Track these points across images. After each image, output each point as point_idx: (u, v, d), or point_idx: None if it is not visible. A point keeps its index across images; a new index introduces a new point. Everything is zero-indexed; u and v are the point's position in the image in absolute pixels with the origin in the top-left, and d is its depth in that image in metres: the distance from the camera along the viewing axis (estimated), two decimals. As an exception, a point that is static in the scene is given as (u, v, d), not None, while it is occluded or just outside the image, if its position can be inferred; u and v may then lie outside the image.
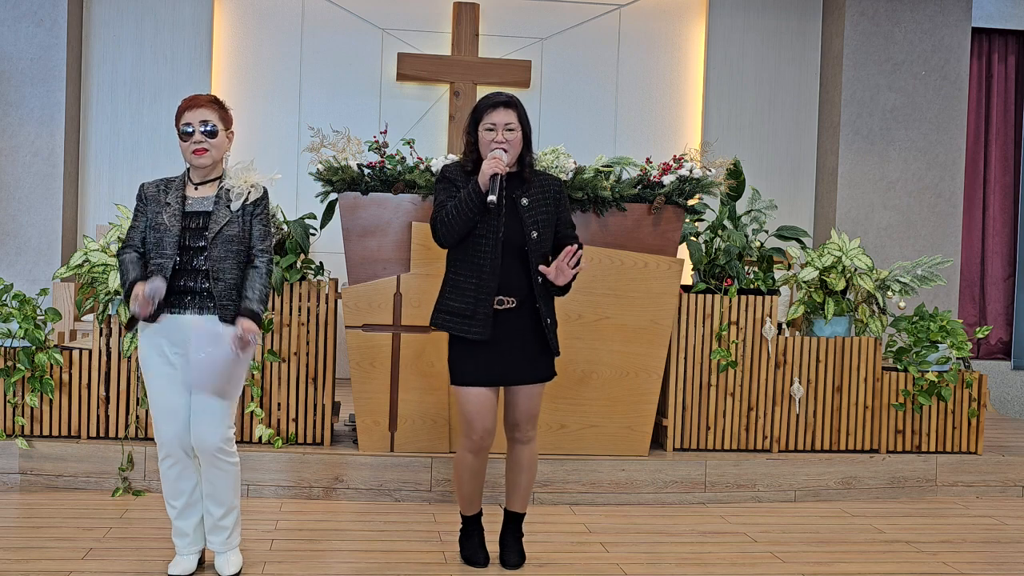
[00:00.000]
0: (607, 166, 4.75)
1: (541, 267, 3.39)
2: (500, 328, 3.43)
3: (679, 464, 4.72)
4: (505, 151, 3.38)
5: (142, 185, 3.37)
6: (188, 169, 3.38)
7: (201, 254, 3.27)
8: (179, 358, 3.30)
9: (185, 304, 3.27)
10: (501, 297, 3.42)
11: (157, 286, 3.18)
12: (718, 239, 5.09)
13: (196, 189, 3.34)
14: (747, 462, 4.79)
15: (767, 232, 5.38)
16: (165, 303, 3.25)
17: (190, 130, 3.27)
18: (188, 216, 3.29)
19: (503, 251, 3.41)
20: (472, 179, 3.40)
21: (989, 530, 4.41)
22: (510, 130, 3.41)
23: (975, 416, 5.06)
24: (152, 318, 3.24)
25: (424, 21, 7.43)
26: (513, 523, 3.67)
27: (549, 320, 3.49)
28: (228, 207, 3.30)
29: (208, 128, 3.26)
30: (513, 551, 3.64)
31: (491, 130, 3.41)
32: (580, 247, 3.45)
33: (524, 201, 3.45)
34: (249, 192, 3.34)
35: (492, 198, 3.27)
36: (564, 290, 3.49)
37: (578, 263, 3.36)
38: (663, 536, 4.16)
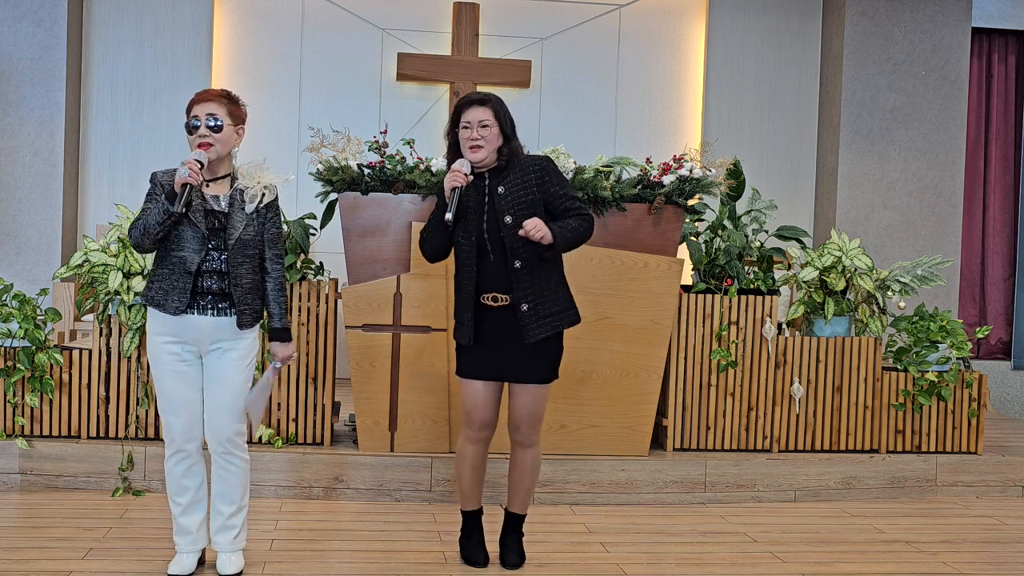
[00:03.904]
0: (607, 166, 4.75)
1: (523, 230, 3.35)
2: (498, 326, 3.45)
3: (679, 464, 4.72)
4: (481, 147, 3.42)
5: (155, 173, 3.32)
6: None
7: (217, 254, 3.27)
8: (191, 356, 3.31)
9: (201, 305, 3.27)
10: (496, 294, 3.43)
11: (197, 153, 3.19)
12: (718, 239, 5.10)
13: (207, 186, 3.32)
14: (747, 462, 4.79)
15: (767, 232, 5.38)
16: (185, 306, 3.25)
17: (196, 124, 3.25)
18: (207, 214, 3.27)
19: (491, 247, 3.43)
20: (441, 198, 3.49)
21: (989, 530, 4.41)
22: (484, 127, 3.43)
23: (975, 416, 5.06)
24: (189, 204, 3.19)
25: (424, 21, 7.43)
26: (513, 524, 3.67)
27: (525, 307, 3.41)
28: (243, 209, 3.30)
29: (213, 123, 3.24)
30: (513, 551, 3.64)
31: (467, 128, 3.46)
32: (582, 221, 3.44)
33: (500, 189, 3.46)
34: (263, 194, 3.34)
35: (449, 216, 3.34)
36: (560, 248, 3.41)
37: (545, 239, 3.33)
38: (663, 536, 4.16)
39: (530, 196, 3.45)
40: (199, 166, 3.15)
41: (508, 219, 3.42)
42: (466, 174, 3.38)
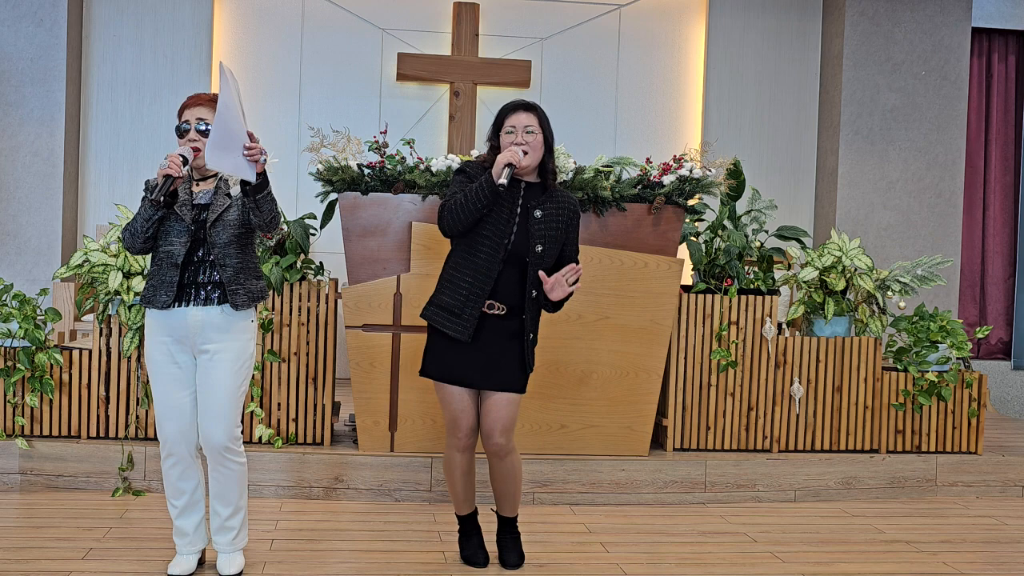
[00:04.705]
0: (607, 166, 4.75)
1: (541, 274, 3.37)
2: (484, 332, 3.43)
3: (679, 464, 4.72)
4: (525, 152, 3.39)
5: (147, 180, 3.36)
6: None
7: (205, 246, 3.28)
8: (185, 356, 3.30)
9: (190, 297, 3.27)
10: (492, 302, 3.42)
11: (183, 149, 3.20)
12: (718, 239, 5.10)
13: (197, 185, 3.34)
14: (747, 462, 4.79)
15: (767, 232, 5.38)
16: (172, 299, 3.25)
17: (186, 127, 3.27)
18: (193, 208, 3.29)
19: (506, 258, 3.41)
20: (488, 172, 3.40)
21: (989, 530, 4.41)
22: (529, 132, 3.41)
23: (975, 416, 5.06)
24: (173, 196, 3.20)
25: (424, 21, 7.43)
26: (507, 525, 3.66)
27: (532, 335, 3.49)
28: (228, 195, 3.31)
29: (203, 127, 3.26)
30: (512, 551, 3.63)
31: (511, 133, 3.43)
32: (576, 222, 3.52)
33: (538, 213, 3.45)
34: None
35: (503, 181, 3.27)
36: (555, 307, 3.49)
37: (576, 282, 3.37)
38: (663, 536, 4.16)
39: (558, 233, 3.48)
40: (181, 160, 3.16)
41: (539, 248, 3.43)
42: (520, 157, 3.35)
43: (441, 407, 3.54)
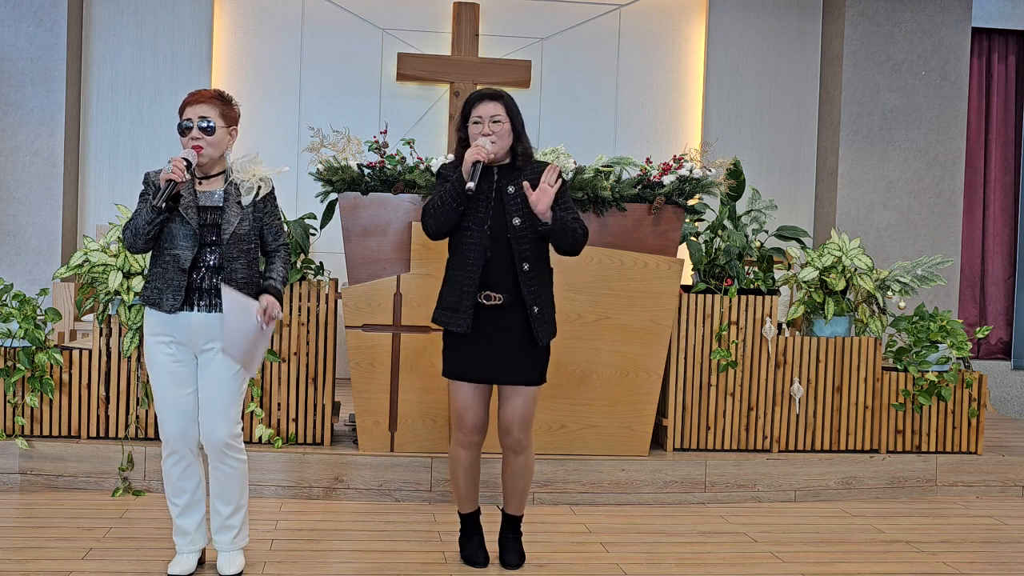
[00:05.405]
0: (607, 166, 4.75)
1: (525, 185, 3.31)
2: (489, 326, 3.42)
3: (679, 464, 4.72)
4: (493, 142, 3.38)
5: (147, 173, 3.33)
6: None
7: (211, 250, 3.27)
8: (186, 355, 3.30)
9: (194, 302, 3.27)
10: (488, 292, 3.41)
11: (187, 152, 3.21)
12: (718, 239, 5.10)
13: (200, 183, 3.33)
14: (747, 462, 4.79)
15: (767, 232, 5.38)
16: (179, 304, 3.25)
17: (188, 125, 3.26)
18: (200, 210, 3.28)
19: (491, 245, 3.40)
20: (459, 171, 3.41)
21: (989, 530, 4.41)
22: (496, 122, 3.41)
23: (975, 416, 5.06)
24: (175, 200, 3.21)
25: (424, 21, 7.43)
26: (511, 524, 3.67)
27: (536, 309, 3.43)
28: (239, 203, 3.29)
29: (205, 125, 3.25)
30: (513, 551, 3.64)
31: (478, 123, 3.43)
32: (578, 225, 3.43)
33: (511, 189, 3.44)
34: (259, 187, 3.33)
35: (470, 185, 3.27)
36: (554, 232, 3.36)
37: (559, 180, 3.32)
38: (663, 536, 4.16)
39: None
40: (185, 164, 3.16)
41: (517, 221, 3.41)
42: (488, 151, 3.34)
43: (449, 403, 3.54)
